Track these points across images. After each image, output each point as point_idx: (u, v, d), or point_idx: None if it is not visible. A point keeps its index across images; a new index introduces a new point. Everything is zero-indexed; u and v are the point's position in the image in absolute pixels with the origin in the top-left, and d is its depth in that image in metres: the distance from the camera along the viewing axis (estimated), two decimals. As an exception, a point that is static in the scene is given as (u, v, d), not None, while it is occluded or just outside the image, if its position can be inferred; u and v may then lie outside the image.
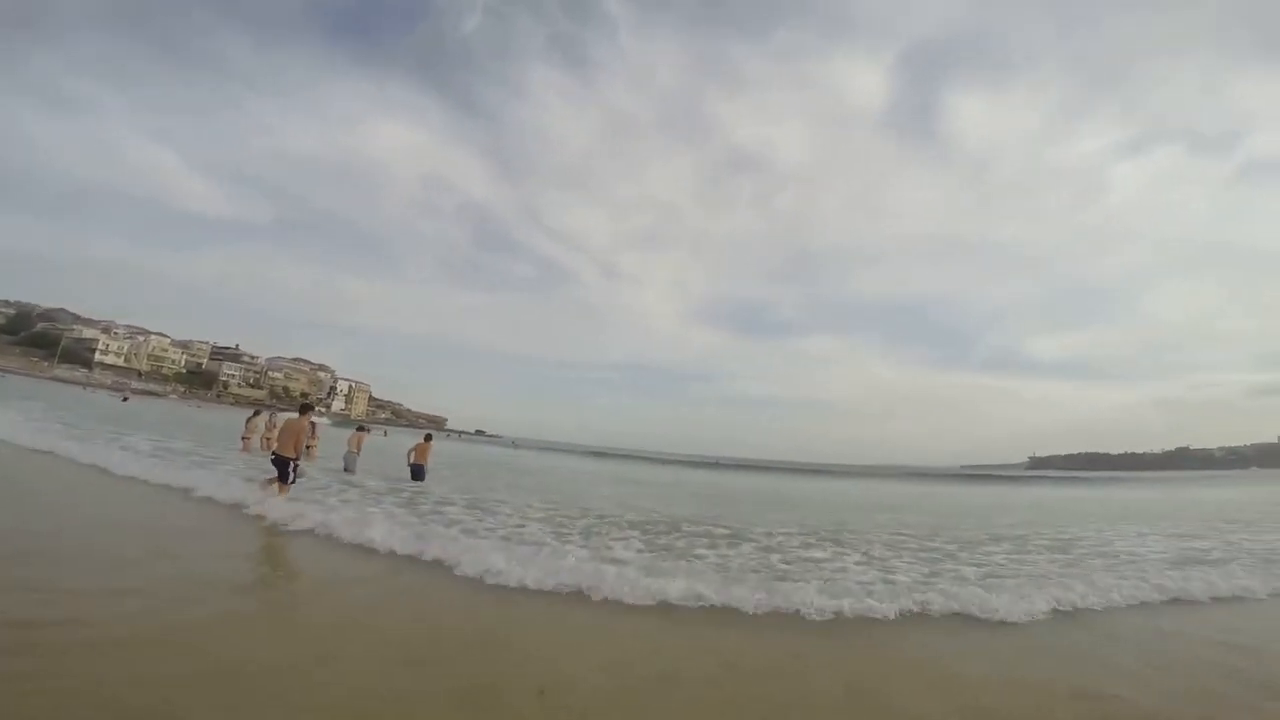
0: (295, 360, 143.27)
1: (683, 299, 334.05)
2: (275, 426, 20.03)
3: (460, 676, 3.81)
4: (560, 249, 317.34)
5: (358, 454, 16.04)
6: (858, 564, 8.77)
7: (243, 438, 19.21)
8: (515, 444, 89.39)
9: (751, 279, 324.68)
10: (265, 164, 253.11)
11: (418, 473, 15.46)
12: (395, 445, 17.97)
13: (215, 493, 10.26)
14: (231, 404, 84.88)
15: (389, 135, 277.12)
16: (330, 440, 21.86)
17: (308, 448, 18.02)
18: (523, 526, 10.19)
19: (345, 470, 15.57)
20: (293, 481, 10.20)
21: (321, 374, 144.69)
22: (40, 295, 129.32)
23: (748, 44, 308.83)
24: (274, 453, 10.36)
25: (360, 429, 16.87)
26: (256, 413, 20.78)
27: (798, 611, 5.88)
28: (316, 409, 12.24)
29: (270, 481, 10.36)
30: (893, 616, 5.95)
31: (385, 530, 8.06)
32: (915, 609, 6.21)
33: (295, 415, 11.12)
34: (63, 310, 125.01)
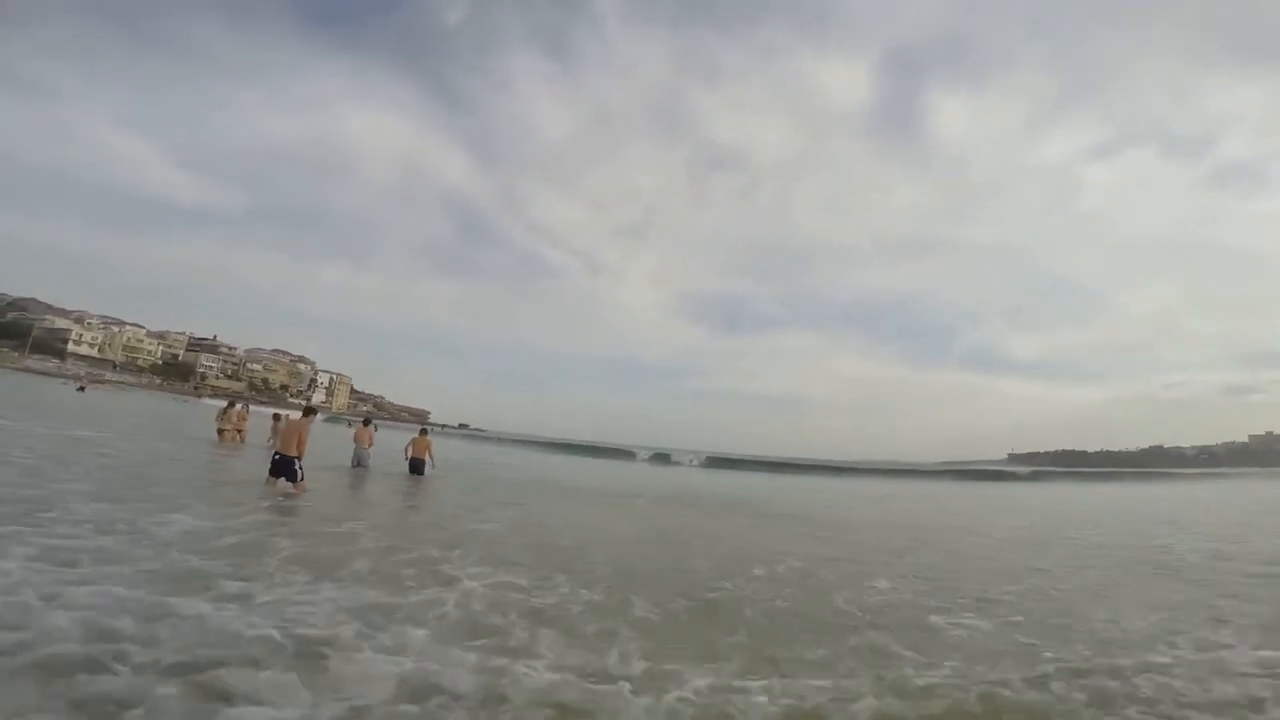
0: (274, 351, 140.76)
1: (663, 293, 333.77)
2: (246, 418, 19.88)
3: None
4: (541, 241, 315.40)
5: (368, 448, 15.78)
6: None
7: (219, 430, 18.88)
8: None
9: (731, 274, 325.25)
10: (239, 151, 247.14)
11: (416, 466, 15.41)
12: (380, 440, 17.45)
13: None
14: (210, 396, 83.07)
15: (367, 124, 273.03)
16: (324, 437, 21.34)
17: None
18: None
19: (355, 465, 15.45)
20: (302, 479, 10.45)
21: (302, 366, 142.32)
22: (6, 284, 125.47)
23: (731, 40, 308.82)
24: (278, 453, 10.62)
25: (366, 423, 16.73)
26: (231, 404, 20.45)
27: None
28: (307, 406, 11.99)
29: (273, 480, 10.47)
30: None
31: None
32: None
33: (299, 416, 11.31)
34: (33, 300, 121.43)
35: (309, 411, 11.58)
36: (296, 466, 10.39)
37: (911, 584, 7.30)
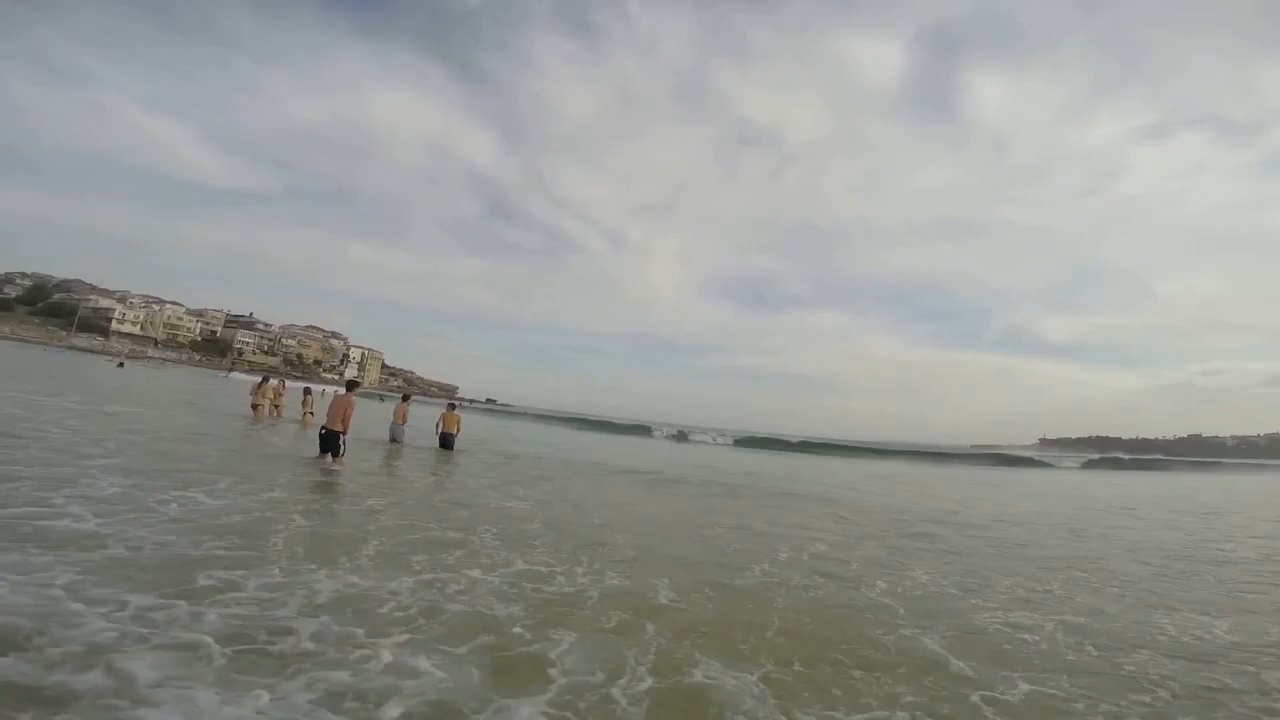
0: (308, 328, 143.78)
1: (690, 270, 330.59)
2: (284, 393, 20.07)
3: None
4: (568, 218, 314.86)
5: (403, 424, 16.01)
6: None
7: (253, 404, 19.00)
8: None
9: (759, 253, 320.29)
10: (270, 133, 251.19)
11: (446, 441, 15.64)
12: (412, 414, 17.43)
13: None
14: (244, 371, 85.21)
15: (394, 104, 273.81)
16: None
17: (311, 414, 18.77)
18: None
19: (392, 440, 15.71)
20: (343, 453, 10.71)
21: (334, 341, 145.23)
22: (54, 266, 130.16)
23: (760, 17, 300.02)
24: (324, 428, 10.83)
25: (404, 399, 17.01)
26: (265, 379, 20.40)
27: None
28: (358, 384, 12.17)
29: (320, 456, 10.75)
30: None
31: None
32: None
33: (343, 391, 11.51)
34: (79, 281, 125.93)
35: (351, 386, 11.79)
36: (341, 441, 10.64)
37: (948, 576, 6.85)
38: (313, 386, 24.72)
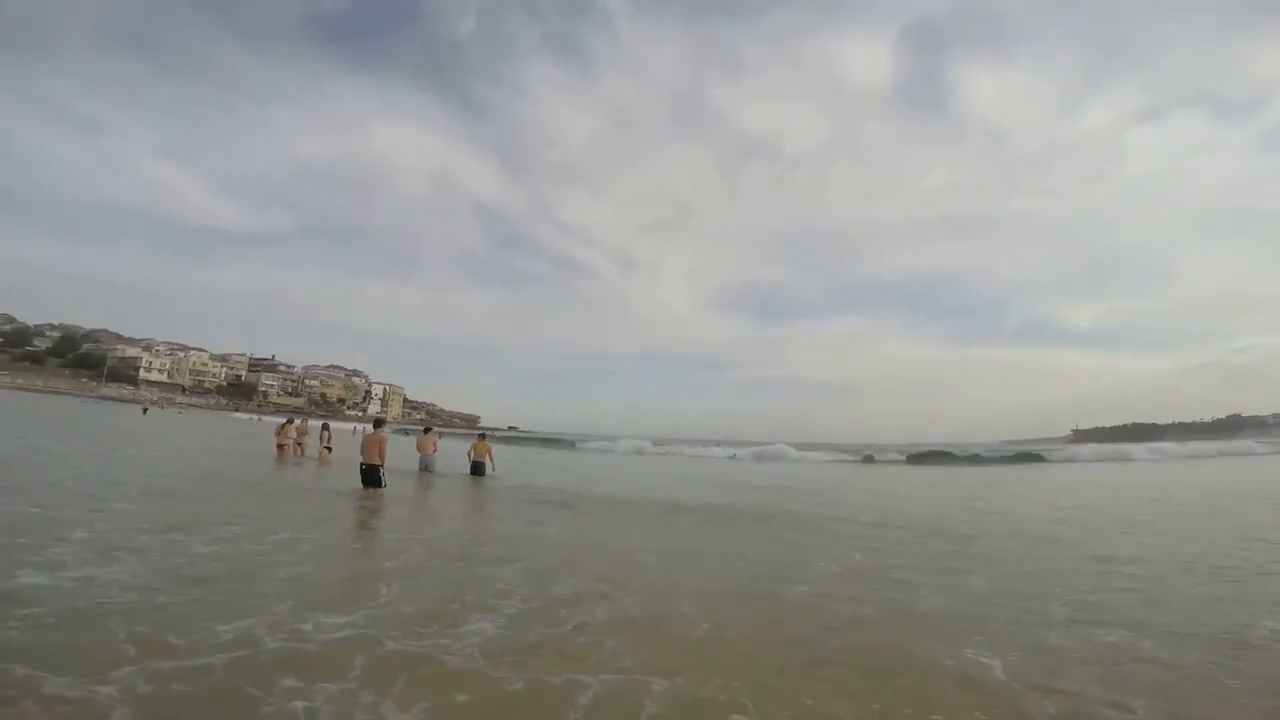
0: (330, 367, 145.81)
1: (701, 287, 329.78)
2: (307, 432, 20.72)
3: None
4: (575, 244, 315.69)
5: (433, 454, 16.39)
6: None
7: (278, 445, 19.58)
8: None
9: (769, 264, 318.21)
10: (276, 173, 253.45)
11: (478, 469, 16.14)
12: (443, 446, 17.70)
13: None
14: (271, 413, 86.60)
15: (395, 138, 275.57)
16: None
17: (328, 449, 19.87)
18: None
19: (425, 470, 16.03)
20: (384, 484, 11.54)
21: (356, 379, 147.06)
22: (76, 316, 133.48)
23: (747, 28, 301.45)
24: (363, 464, 11.70)
25: (426, 431, 17.75)
26: (289, 420, 21.26)
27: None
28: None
29: (366, 488, 11.44)
30: None
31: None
32: None
33: (371, 428, 12.57)
34: (105, 330, 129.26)
35: (379, 424, 12.75)
36: (381, 473, 11.52)
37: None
38: (330, 423, 25.50)
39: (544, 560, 6.47)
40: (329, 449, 19.98)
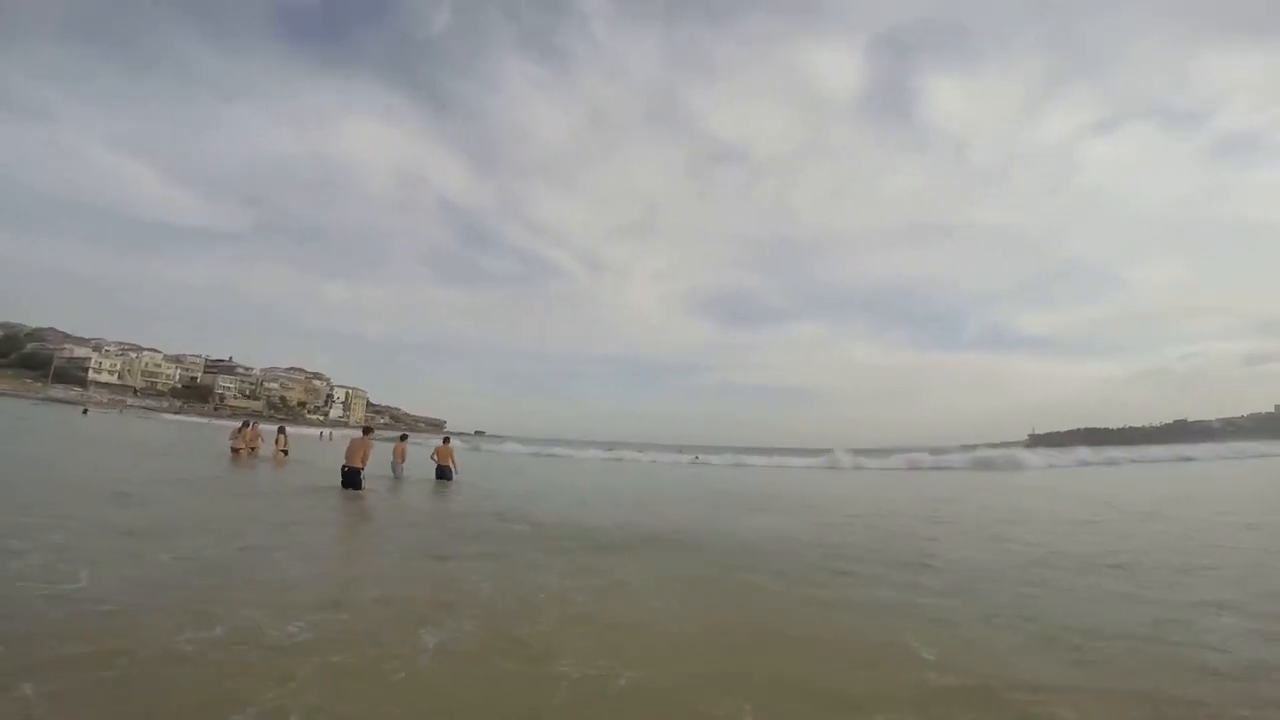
0: (290, 370, 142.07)
1: (671, 289, 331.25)
2: (260, 436, 20.69)
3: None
4: (545, 244, 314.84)
5: (403, 462, 16.47)
6: None
7: (233, 449, 19.49)
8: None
9: (738, 268, 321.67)
10: (237, 169, 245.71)
11: (443, 473, 16.32)
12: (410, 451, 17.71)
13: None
14: (229, 416, 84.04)
15: (362, 135, 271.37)
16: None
17: (284, 452, 20.02)
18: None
19: (395, 477, 16.07)
20: (364, 485, 12.49)
21: (317, 382, 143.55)
22: (21, 314, 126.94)
23: (723, 33, 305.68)
24: (345, 465, 12.64)
25: (402, 438, 18.26)
26: (245, 424, 21.27)
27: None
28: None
29: (346, 489, 12.26)
30: None
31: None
32: None
33: (359, 434, 13.88)
34: (52, 329, 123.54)
35: (368, 431, 14.51)
36: (361, 476, 12.50)
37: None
38: (286, 426, 25.35)
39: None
40: (285, 452, 19.92)
